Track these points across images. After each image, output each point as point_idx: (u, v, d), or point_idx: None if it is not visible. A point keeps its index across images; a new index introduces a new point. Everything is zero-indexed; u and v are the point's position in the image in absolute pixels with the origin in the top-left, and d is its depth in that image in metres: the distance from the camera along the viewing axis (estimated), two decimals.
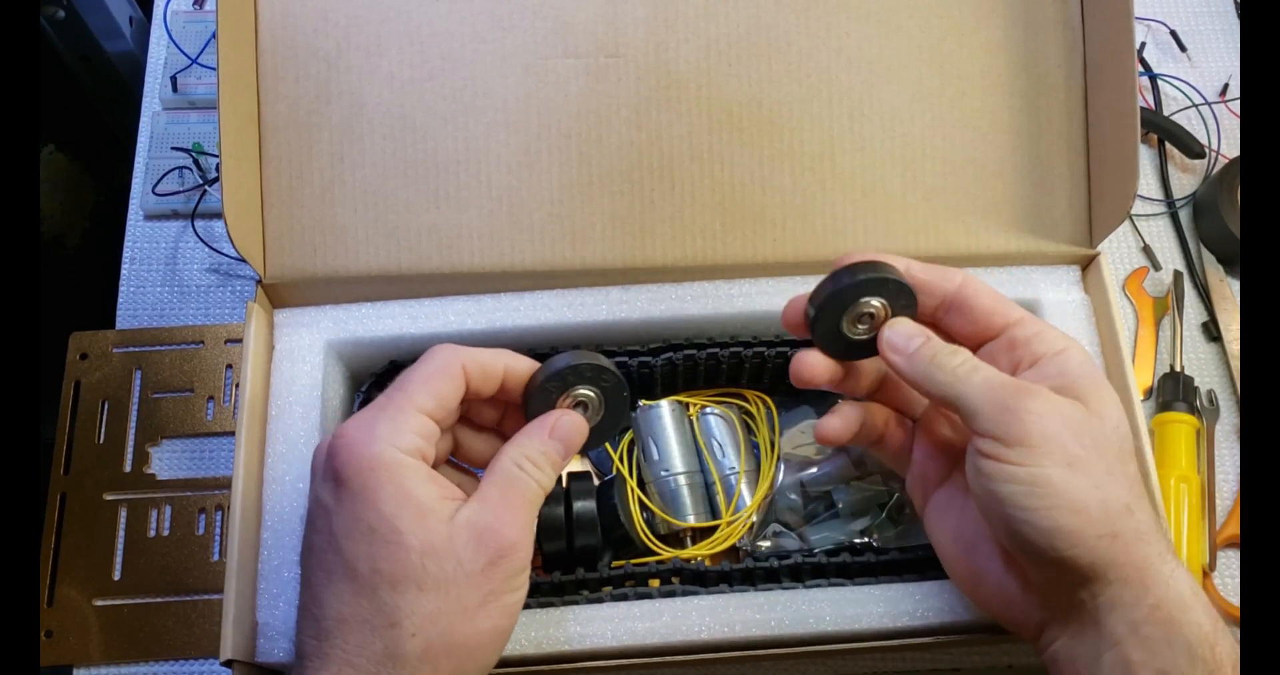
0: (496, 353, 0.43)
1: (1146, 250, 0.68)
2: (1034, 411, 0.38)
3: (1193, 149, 0.69)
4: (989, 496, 0.39)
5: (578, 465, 0.57)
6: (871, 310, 0.43)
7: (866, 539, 0.53)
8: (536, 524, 0.41)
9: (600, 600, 0.48)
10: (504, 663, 0.46)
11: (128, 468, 0.61)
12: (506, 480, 0.40)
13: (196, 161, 0.68)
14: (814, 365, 0.45)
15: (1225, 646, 0.37)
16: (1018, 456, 0.38)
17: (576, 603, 0.48)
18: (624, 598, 0.48)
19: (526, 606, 0.44)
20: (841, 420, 0.46)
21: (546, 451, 0.42)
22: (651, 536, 0.52)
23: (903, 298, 0.43)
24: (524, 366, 0.44)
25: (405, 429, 0.38)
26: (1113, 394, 0.41)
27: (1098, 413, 0.40)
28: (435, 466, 0.42)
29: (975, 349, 0.43)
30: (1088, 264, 0.55)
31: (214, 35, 0.50)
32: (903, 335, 0.42)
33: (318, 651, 0.37)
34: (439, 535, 0.37)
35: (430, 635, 0.36)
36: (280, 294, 0.54)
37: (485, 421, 0.46)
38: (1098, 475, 0.38)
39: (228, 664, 0.45)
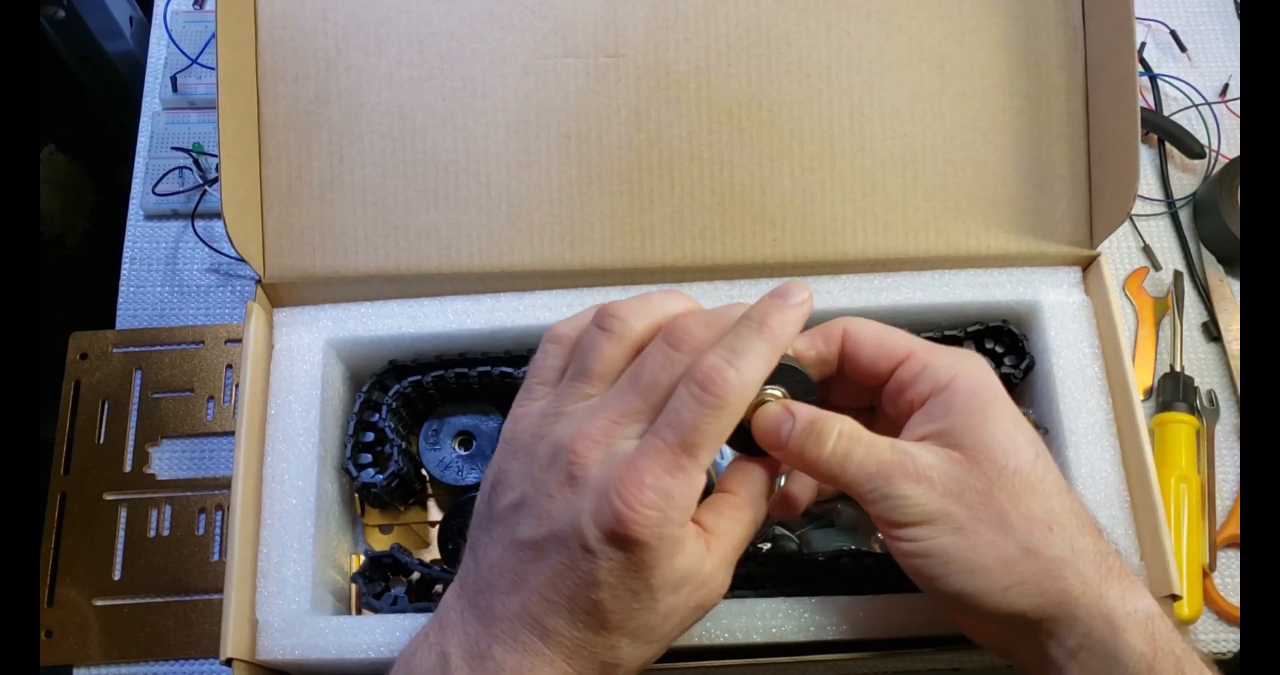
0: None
1: (1146, 250, 0.68)
2: (909, 497, 0.37)
3: (1193, 149, 0.69)
4: (902, 566, 0.39)
5: None
6: (769, 399, 0.40)
7: (869, 544, 0.53)
8: None
9: None
10: None
11: (128, 468, 0.62)
12: (737, 544, 0.40)
13: (196, 161, 0.68)
14: (798, 497, 0.45)
15: (1166, 664, 0.37)
16: (909, 534, 0.38)
17: None
18: None
19: None
20: (799, 487, 0.45)
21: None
22: None
23: (798, 381, 0.40)
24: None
25: (694, 499, 0.37)
26: (1003, 423, 0.38)
27: (982, 457, 0.38)
28: None
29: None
30: (1088, 265, 0.55)
31: (214, 35, 0.50)
32: (770, 427, 0.39)
33: (538, 649, 0.37)
34: (683, 600, 0.38)
35: (633, 671, 0.39)
36: (280, 294, 0.54)
37: None
38: (990, 531, 0.37)
39: (227, 663, 0.45)
